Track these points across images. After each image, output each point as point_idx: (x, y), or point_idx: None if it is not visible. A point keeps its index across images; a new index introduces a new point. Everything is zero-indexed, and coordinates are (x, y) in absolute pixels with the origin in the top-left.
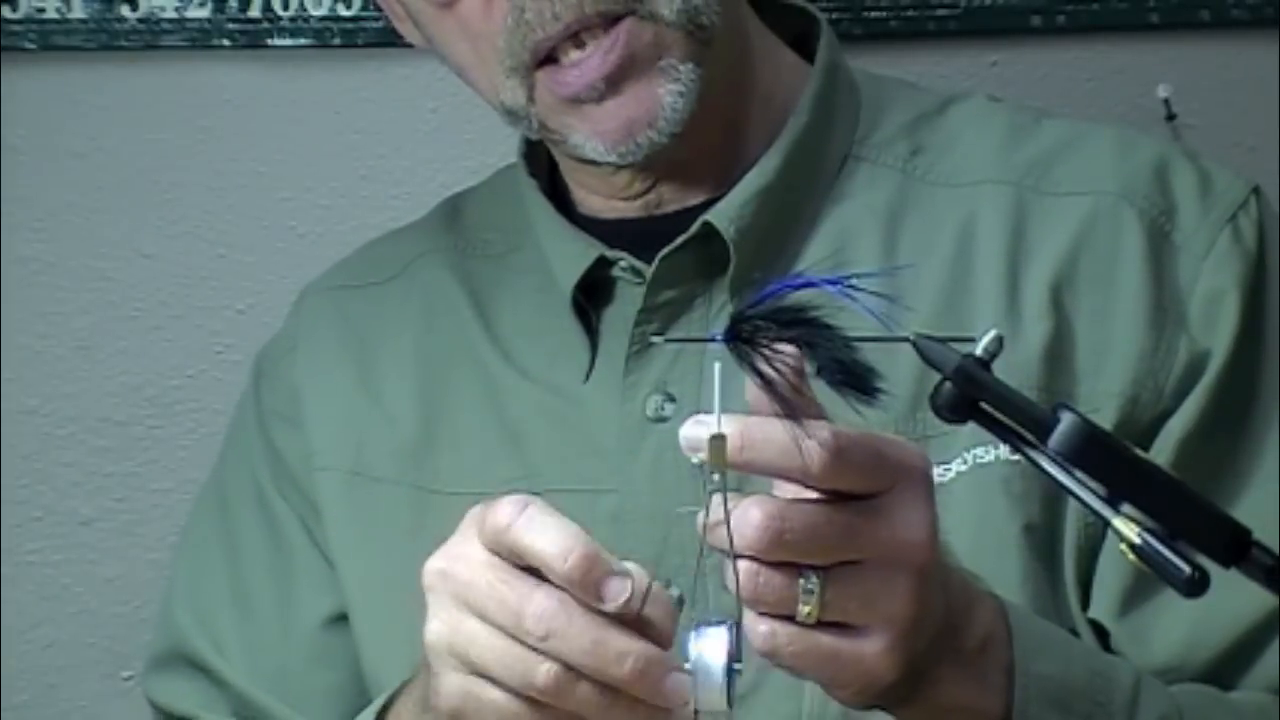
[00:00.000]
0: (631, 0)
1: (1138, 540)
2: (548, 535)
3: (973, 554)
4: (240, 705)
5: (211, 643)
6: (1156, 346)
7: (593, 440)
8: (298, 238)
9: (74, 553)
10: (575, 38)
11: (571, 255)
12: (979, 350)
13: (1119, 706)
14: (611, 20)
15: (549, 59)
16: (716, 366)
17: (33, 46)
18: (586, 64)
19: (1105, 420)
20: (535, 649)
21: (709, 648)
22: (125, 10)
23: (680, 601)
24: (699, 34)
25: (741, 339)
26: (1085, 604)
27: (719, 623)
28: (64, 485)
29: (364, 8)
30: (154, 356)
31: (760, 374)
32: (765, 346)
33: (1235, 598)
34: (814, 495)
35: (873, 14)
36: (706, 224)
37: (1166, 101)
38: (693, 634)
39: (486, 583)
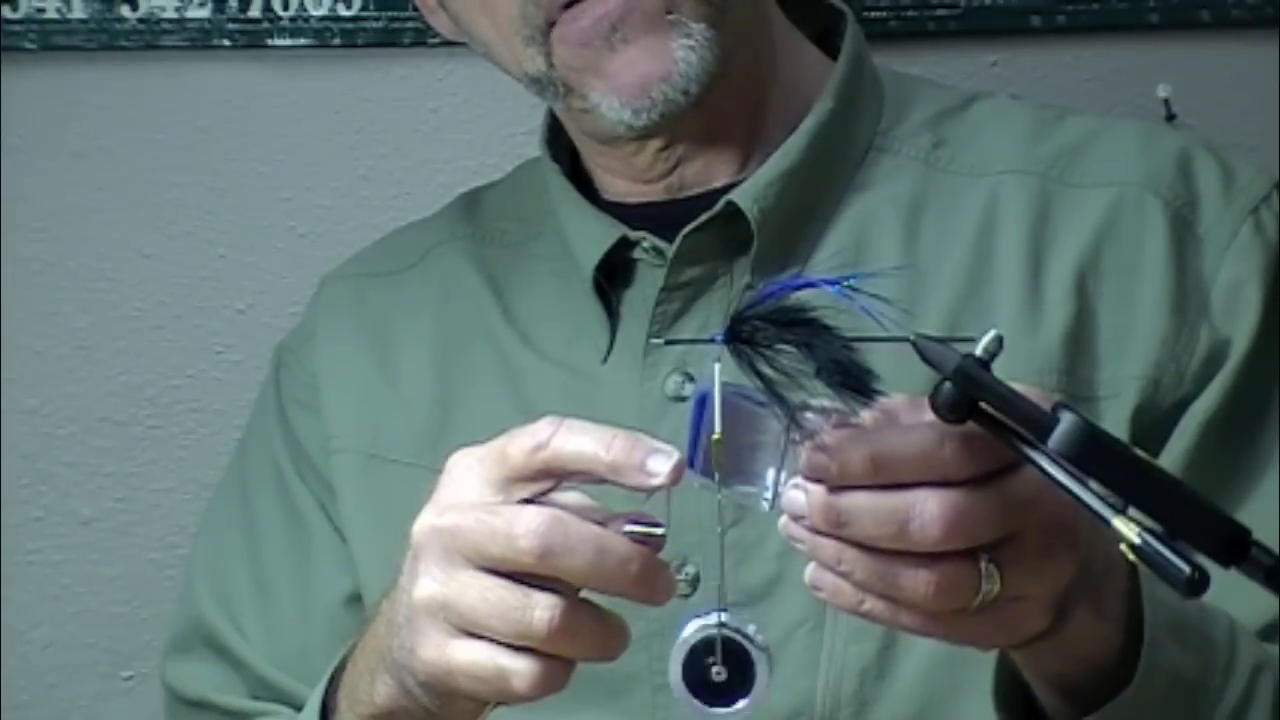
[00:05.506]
0: None
1: (1137, 540)
2: (587, 435)
3: None
4: (258, 686)
5: (231, 622)
6: (1179, 332)
7: (611, 420)
8: (298, 238)
9: (74, 553)
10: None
11: (593, 236)
12: (979, 350)
13: (1222, 643)
14: None
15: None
16: (716, 367)
17: (33, 46)
18: (591, 6)
19: (1127, 403)
20: (532, 585)
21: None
22: (125, 10)
23: (696, 579)
24: None
25: (741, 340)
26: None
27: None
28: (64, 485)
29: (364, 8)
30: (154, 356)
31: (760, 374)
32: (765, 347)
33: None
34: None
35: (873, 14)
36: (730, 203)
37: (1166, 101)
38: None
39: (475, 519)
